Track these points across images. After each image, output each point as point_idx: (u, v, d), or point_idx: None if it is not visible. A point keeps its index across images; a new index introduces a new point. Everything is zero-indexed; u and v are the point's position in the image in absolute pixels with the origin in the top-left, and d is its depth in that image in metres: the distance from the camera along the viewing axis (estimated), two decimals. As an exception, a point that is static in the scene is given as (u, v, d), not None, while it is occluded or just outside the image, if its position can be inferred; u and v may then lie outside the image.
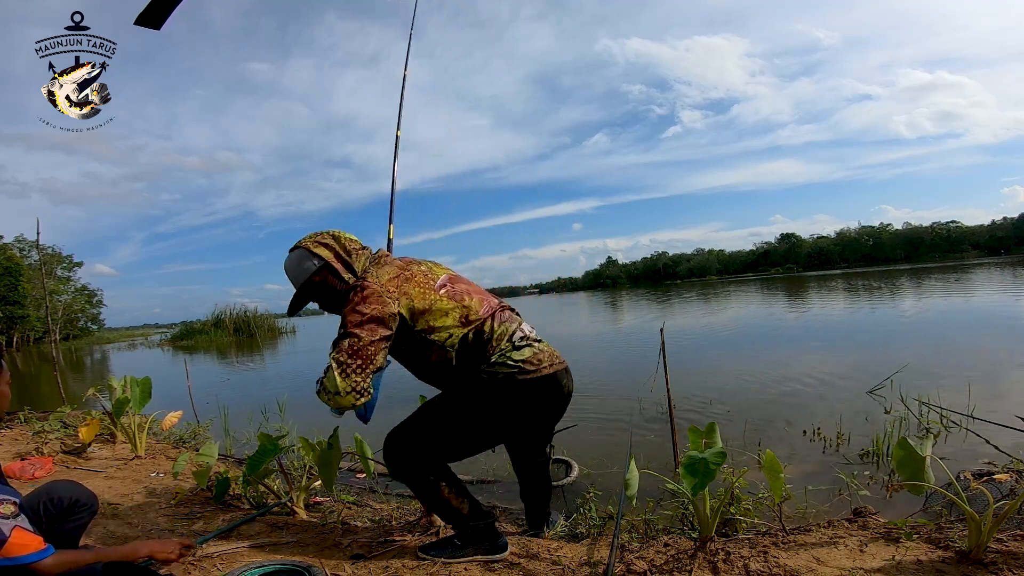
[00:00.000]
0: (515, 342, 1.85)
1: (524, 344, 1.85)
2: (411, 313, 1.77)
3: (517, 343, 1.84)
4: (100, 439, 3.96)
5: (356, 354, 1.67)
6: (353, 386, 1.68)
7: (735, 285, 45.24)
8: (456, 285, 1.92)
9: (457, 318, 1.81)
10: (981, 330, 8.45)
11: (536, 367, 1.82)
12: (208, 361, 16.12)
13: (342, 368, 1.67)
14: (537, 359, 1.84)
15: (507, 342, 1.83)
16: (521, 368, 1.79)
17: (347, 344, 1.68)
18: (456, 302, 1.85)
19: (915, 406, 3.94)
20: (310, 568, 1.73)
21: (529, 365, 1.81)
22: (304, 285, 1.86)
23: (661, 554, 1.78)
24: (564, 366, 1.92)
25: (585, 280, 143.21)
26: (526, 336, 1.89)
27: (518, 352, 1.82)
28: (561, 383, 1.88)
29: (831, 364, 6.52)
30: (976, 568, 1.50)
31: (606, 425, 4.54)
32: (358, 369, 1.67)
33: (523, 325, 1.95)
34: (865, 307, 14.51)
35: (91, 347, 34.55)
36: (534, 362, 1.82)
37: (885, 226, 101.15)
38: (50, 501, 1.55)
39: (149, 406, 3.74)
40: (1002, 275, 23.41)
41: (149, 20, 2.63)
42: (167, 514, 2.53)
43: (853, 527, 1.87)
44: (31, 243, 38.32)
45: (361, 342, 1.68)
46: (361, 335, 1.68)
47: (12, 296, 38.11)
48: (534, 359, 1.83)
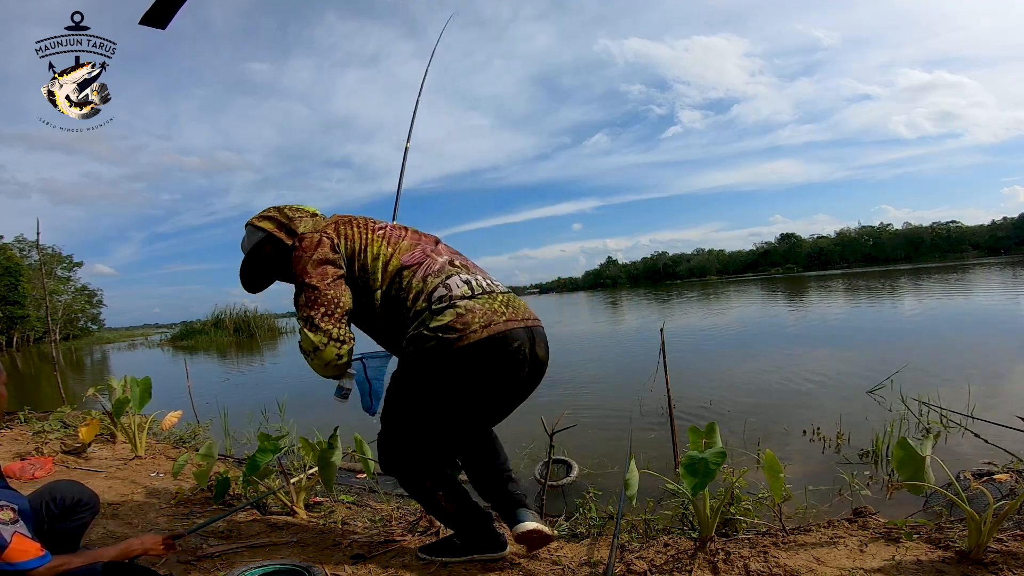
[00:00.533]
0: (433, 304, 1.58)
1: (445, 305, 1.57)
2: (349, 254, 1.67)
3: (435, 305, 1.57)
4: (100, 439, 3.96)
5: (315, 303, 1.60)
6: (327, 334, 1.59)
7: (735, 285, 45.24)
8: (398, 231, 1.76)
9: (382, 264, 1.66)
10: (981, 330, 8.46)
11: (460, 332, 1.52)
12: (208, 361, 16.12)
13: (308, 323, 1.60)
14: (462, 321, 1.53)
15: (423, 302, 1.59)
16: (440, 339, 1.52)
17: (303, 298, 1.62)
18: (388, 244, 1.69)
19: (915, 406, 3.94)
20: (310, 568, 1.73)
21: (450, 333, 1.52)
22: (253, 259, 1.85)
23: (661, 554, 1.78)
24: (520, 324, 1.61)
25: (585, 280, 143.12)
26: (448, 296, 1.59)
27: (437, 318, 1.55)
28: (511, 345, 1.57)
29: (831, 364, 6.52)
30: (976, 568, 1.50)
31: (606, 425, 4.54)
32: (325, 317, 1.59)
33: (454, 279, 1.64)
34: (865, 307, 14.51)
35: (91, 347, 34.54)
36: (457, 326, 1.52)
37: (885, 226, 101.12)
38: (52, 501, 1.56)
39: (149, 406, 3.74)
40: (1002, 275, 23.41)
41: (154, 20, 2.63)
42: (167, 514, 2.52)
43: (853, 527, 1.87)
44: (31, 243, 38.32)
45: (316, 290, 1.60)
46: (313, 283, 1.61)
47: (12, 296, 38.10)
48: (458, 323, 1.53)
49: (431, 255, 1.71)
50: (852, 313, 13.33)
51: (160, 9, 2.59)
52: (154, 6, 2.57)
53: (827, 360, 6.80)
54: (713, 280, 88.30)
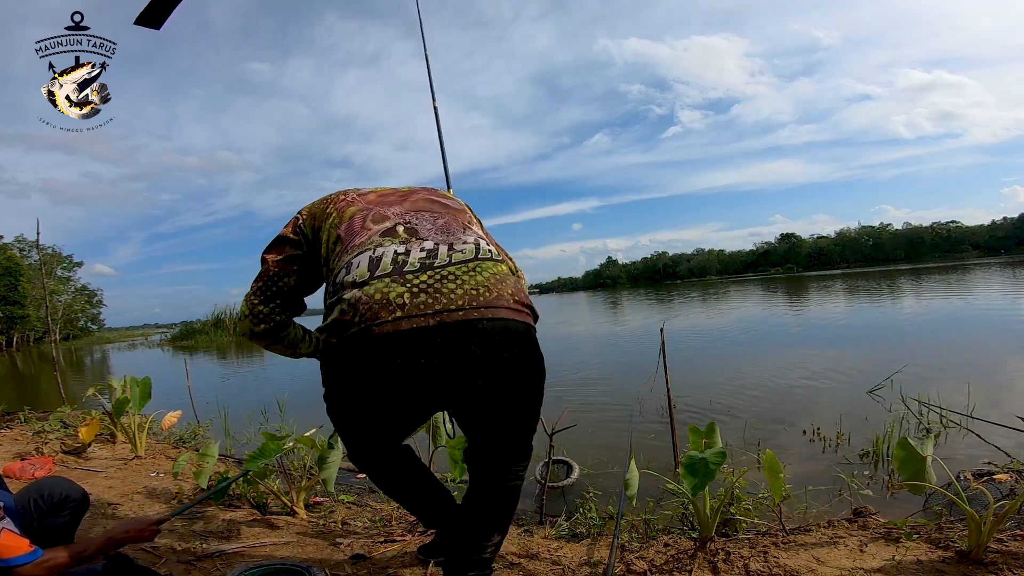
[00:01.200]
0: (329, 296, 1.32)
1: (333, 300, 1.28)
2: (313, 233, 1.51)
3: (330, 299, 1.30)
4: (100, 439, 3.95)
5: (258, 276, 1.52)
6: (250, 308, 1.49)
7: (735, 285, 45.23)
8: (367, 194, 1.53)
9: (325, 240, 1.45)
10: (981, 330, 8.45)
11: (338, 333, 1.22)
12: (208, 361, 16.11)
13: (247, 295, 1.52)
14: (352, 310, 1.19)
15: (330, 287, 1.34)
16: (322, 342, 1.31)
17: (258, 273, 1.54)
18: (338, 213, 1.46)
19: (915, 406, 3.94)
20: (310, 568, 1.72)
21: (330, 334, 1.25)
22: None
23: (661, 554, 1.78)
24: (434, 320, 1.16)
25: (585, 280, 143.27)
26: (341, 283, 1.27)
27: (327, 313, 1.30)
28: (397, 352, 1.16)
29: (831, 364, 6.52)
30: (976, 568, 1.50)
31: (606, 425, 4.54)
32: (257, 291, 1.49)
33: (365, 255, 1.28)
34: (865, 307, 14.51)
35: (91, 347, 34.54)
36: (346, 318, 1.20)
37: (885, 226, 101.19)
38: (40, 497, 1.55)
39: (149, 406, 3.74)
40: (1002, 275, 23.41)
41: (149, 20, 2.63)
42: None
43: (853, 527, 1.87)
44: (31, 243, 38.34)
45: (264, 264, 1.52)
46: (266, 257, 1.53)
47: (12, 296, 38.12)
48: (348, 312, 1.20)
49: (368, 224, 1.39)
50: (852, 313, 13.33)
51: (155, 9, 2.59)
52: (149, 6, 2.57)
53: (827, 360, 6.80)
54: (713, 280, 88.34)
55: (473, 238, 1.39)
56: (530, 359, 1.31)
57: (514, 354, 1.25)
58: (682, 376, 5.71)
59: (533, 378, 1.34)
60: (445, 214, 1.47)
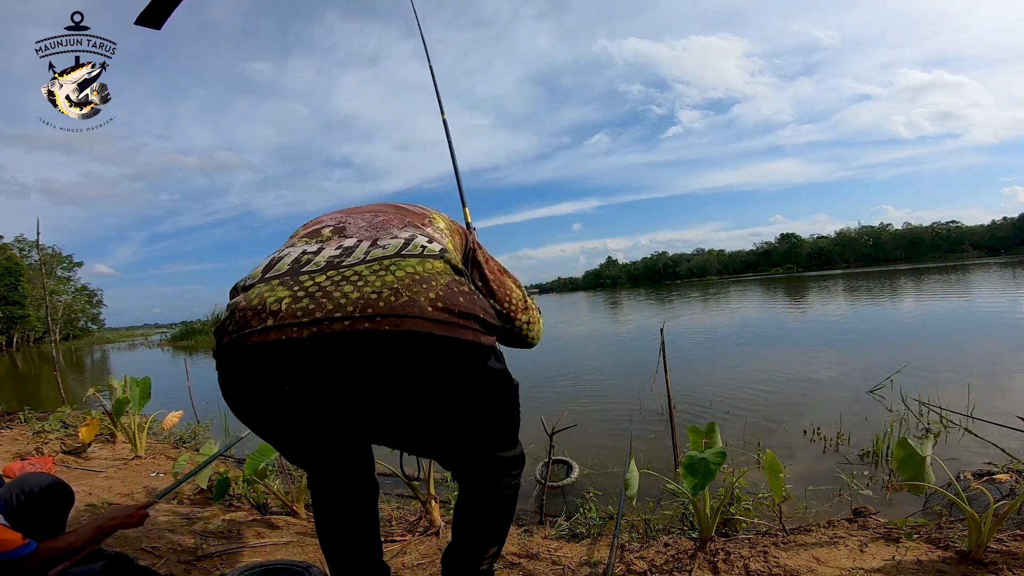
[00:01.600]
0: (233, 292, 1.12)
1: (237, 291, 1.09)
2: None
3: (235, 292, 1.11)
4: (100, 439, 3.96)
5: None
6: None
7: (735, 285, 45.24)
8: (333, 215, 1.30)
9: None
10: (981, 330, 8.46)
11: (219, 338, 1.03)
12: (208, 361, 16.10)
13: None
14: (230, 316, 1.03)
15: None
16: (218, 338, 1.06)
17: None
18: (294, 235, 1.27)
19: (915, 406, 3.94)
20: (310, 568, 1.72)
21: (216, 335, 1.05)
22: None
23: (661, 554, 1.78)
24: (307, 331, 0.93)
25: (585, 280, 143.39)
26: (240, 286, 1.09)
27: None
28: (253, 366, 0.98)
29: (831, 364, 6.52)
30: (976, 568, 1.50)
31: (606, 425, 4.54)
32: None
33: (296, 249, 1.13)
34: (865, 307, 14.51)
35: (91, 347, 34.55)
36: (223, 325, 1.04)
37: (885, 226, 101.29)
38: (21, 492, 1.55)
39: (149, 406, 3.74)
40: (1002, 275, 23.41)
41: (150, 20, 2.62)
42: (167, 514, 2.52)
43: (853, 527, 1.87)
44: (31, 243, 38.36)
45: None
46: None
47: (12, 296, 38.17)
48: (226, 320, 1.04)
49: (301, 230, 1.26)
50: (852, 313, 13.33)
51: (155, 9, 2.59)
52: (149, 6, 2.56)
53: (827, 360, 6.80)
54: (713, 280, 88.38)
55: (409, 233, 1.15)
56: (459, 380, 1.02)
57: (426, 376, 0.98)
58: (682, 376, 5.71)
59: (469, 405, 1.08)
60: (392, 215, 1.26)
